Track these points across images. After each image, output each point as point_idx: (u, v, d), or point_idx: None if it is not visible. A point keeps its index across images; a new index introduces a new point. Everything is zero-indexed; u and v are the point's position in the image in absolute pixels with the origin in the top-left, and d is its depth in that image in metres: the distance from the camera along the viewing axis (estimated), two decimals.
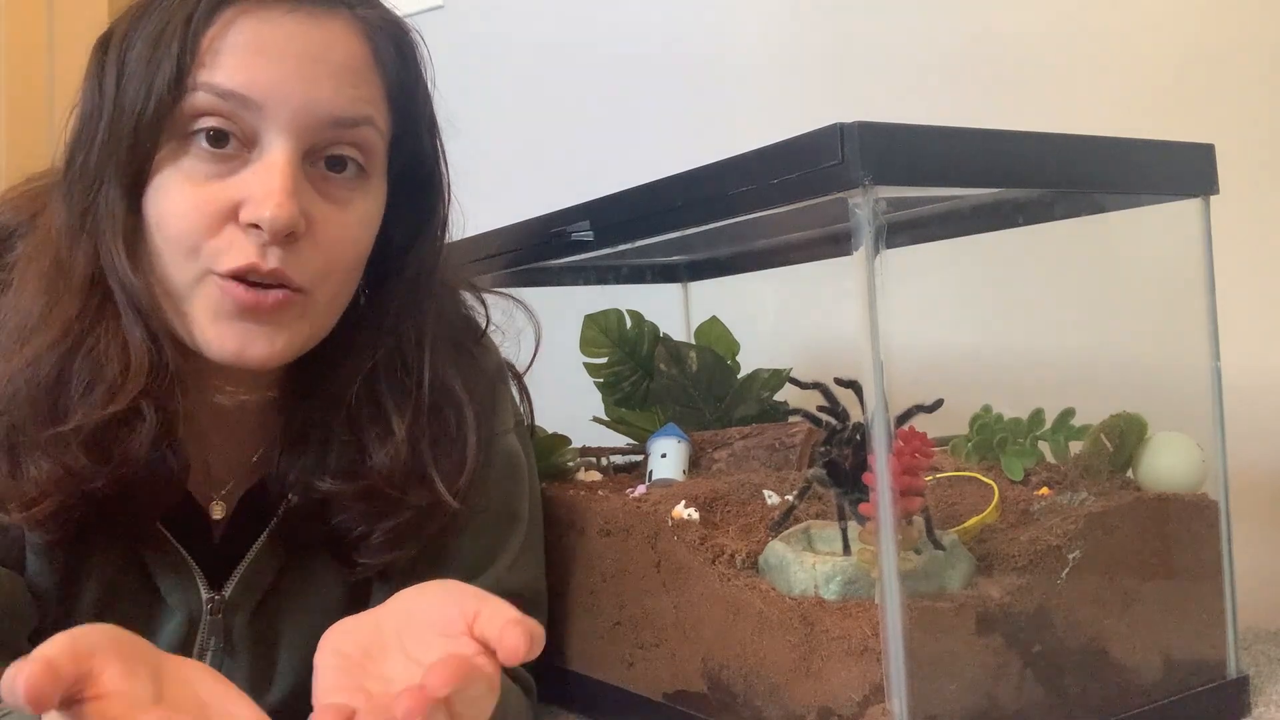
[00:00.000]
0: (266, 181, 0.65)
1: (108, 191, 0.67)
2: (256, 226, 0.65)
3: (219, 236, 0.66)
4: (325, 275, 0.69)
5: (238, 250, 0.65)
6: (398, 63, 0.72)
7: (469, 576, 0.78)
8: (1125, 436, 0.82)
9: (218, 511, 0.76)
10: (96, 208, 0.67)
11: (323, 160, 0.69)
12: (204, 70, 0.65)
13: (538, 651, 0.49)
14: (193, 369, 0.69)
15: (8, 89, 1.83)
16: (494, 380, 0.84)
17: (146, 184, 0.67)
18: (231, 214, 0.66)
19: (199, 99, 0.65)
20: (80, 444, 0.65)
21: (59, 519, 0.67)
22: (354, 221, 0.70)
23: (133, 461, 0.67)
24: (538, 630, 0.49)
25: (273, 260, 0.65)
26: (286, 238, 0.65)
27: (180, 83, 0.65)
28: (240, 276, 0.66)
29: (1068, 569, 0.70)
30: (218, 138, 0.66)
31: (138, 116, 0.65)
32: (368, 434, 0.73)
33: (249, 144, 0.66)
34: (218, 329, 0.67)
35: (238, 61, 0.65)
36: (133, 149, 0.66)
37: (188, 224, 0.66)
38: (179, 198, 0.66)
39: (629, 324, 1.09)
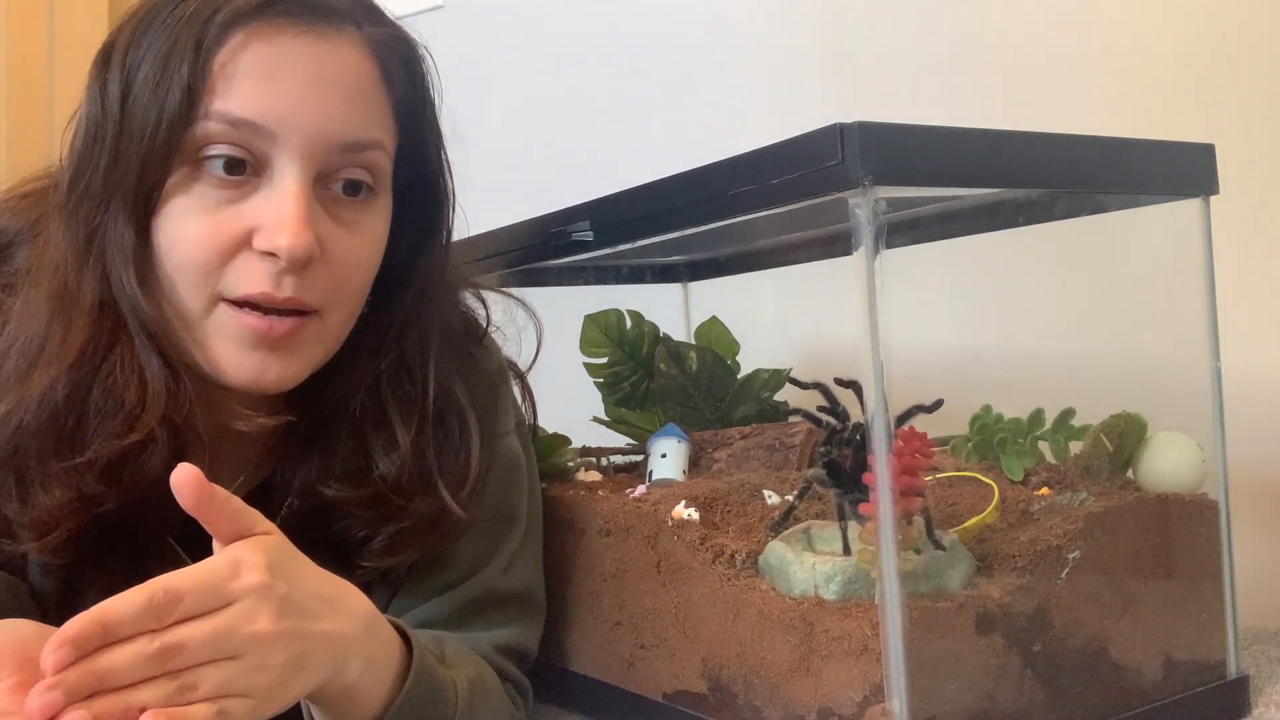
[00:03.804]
0: (280, 209, 0.65)
1: (115, 216, 0.66)
2: (272, 254, 0.64)
3: (232, 263, 0.65)
4: (337, 296, 0.69)
5: (251, 277, 0.65)
6: (405, 80, 0.72)
7: (465, 578, 0.78)
8: (1125, 436, 0.82)
9: None
10: (103, 232, 0.67)
11: (334, 183, 0.68)
12: (216, 98, 0.65)
13: None
14: (206, 392, 0.69)
15: (8, 89, 1.83)
16: (495, 382, 0.84)
17: (156, 210, 0.66)
18: (244, 241, 0.65)
19: (211, 127, 0.65)
20: (96, 472, 0.65)
21: (71, 544, 0.66)
22: (365, 243, 0.70)
23: (145, 484, 0.66)
24: None
25: (287, 289, 0.65)
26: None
27: (191, 109, 0.64)
28: (253, 303, 0.66)
29: (1068, 569, 0.70)
30: (230, 165, 0.65)
31: (147, 142, 0.65)
32: (373, 443, 0.73)
33: (260, 169, 0.66)
34: (232, 356, 0.67)
35: (250, 89, 0.65)
36: (141, 174, 0.65)
37: (201, 251, 0.65)
38: (191, 225, 0.65)
39: (629, 324, 1.09)
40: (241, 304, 0.66)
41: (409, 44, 0.73)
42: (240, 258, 0.66)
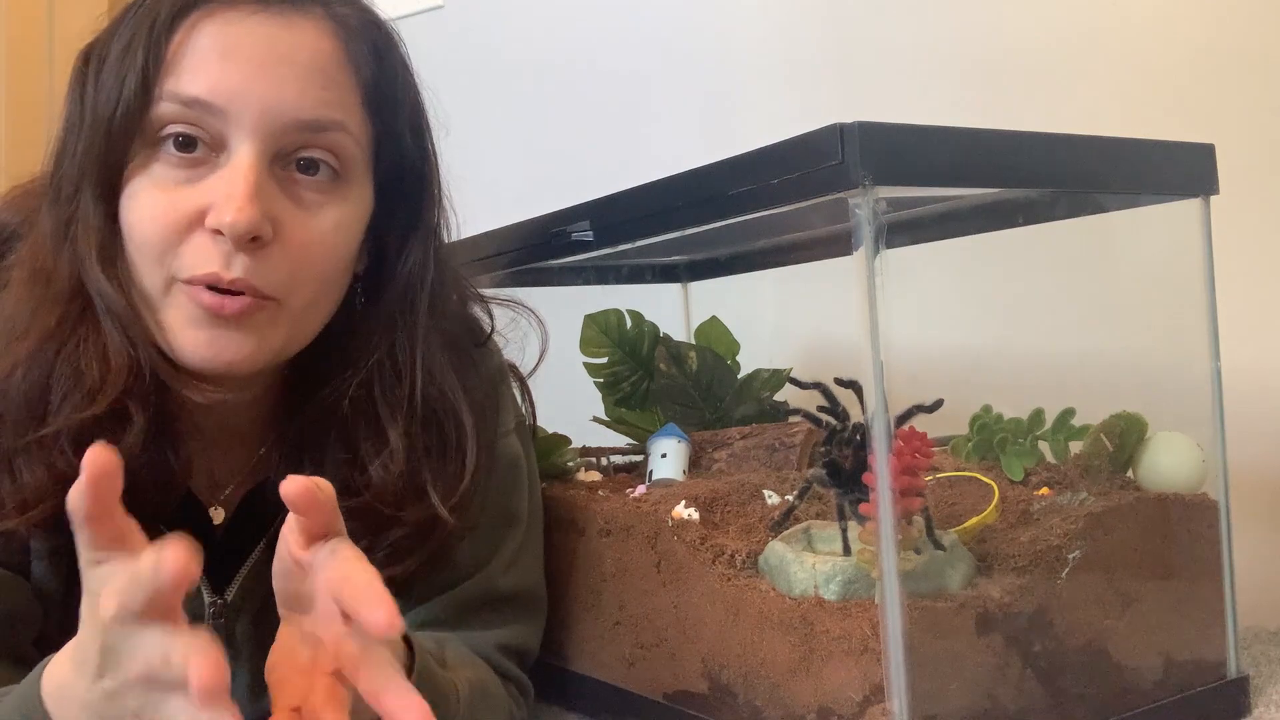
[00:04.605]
0: (230, 186, 0.65)
1: (85, 200, 0.67)
2: (221, 232, 0.64)
3: (186, 242, 0.66)
4: (296, 281, 0.68)
5: (202, 257, 0.65)
6: (373, 64, 0.71)
7: (466, 577, 0.78)
8: (1125, 436, 0.82)
9: (217, 516, 0.76)
10: (76, 216, 0.68)
11: (293, 163, 0.68)
12: (169, 79, 0.66)
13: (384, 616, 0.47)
14: (174, 372, 0.68)
15: (8, 89, 1.83)
16: (494, 382, 0.83)
17: (121, 193, 0.67)
18: (198, 219, 0.65)
19: (164, 108, 0.66)
20: (69, 447, 0.65)
21: (58, 522, 0.67)
22: (326, 227, 0.69)
23: (127, 462, 0.66)
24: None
25: (236, 270, 0.65)
26: (252, 242, 0.65)
27: (147, 92, 0.65)
28: (205, 284, 0.65)
29: (1068, 569, 0.70)
30: (185, 144, 0.66)
31: (108, 126, 0.66)
32: (363, 446, 0.73)
33: (217, 148, 0.66)
34: (188, 335, 0.67)
35: (200, 68, 0.65)
36: (105, 158, 0.66)
37: (155, 230, 0.66)
38: (148, 204, 0.66)
39: (629, 324, 1.09)
40: (192, 284, 0.66)
41: (379, 27, 0.72)
42: (194, 237, 0.65)
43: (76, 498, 0.49)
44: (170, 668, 0.47)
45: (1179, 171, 0.78)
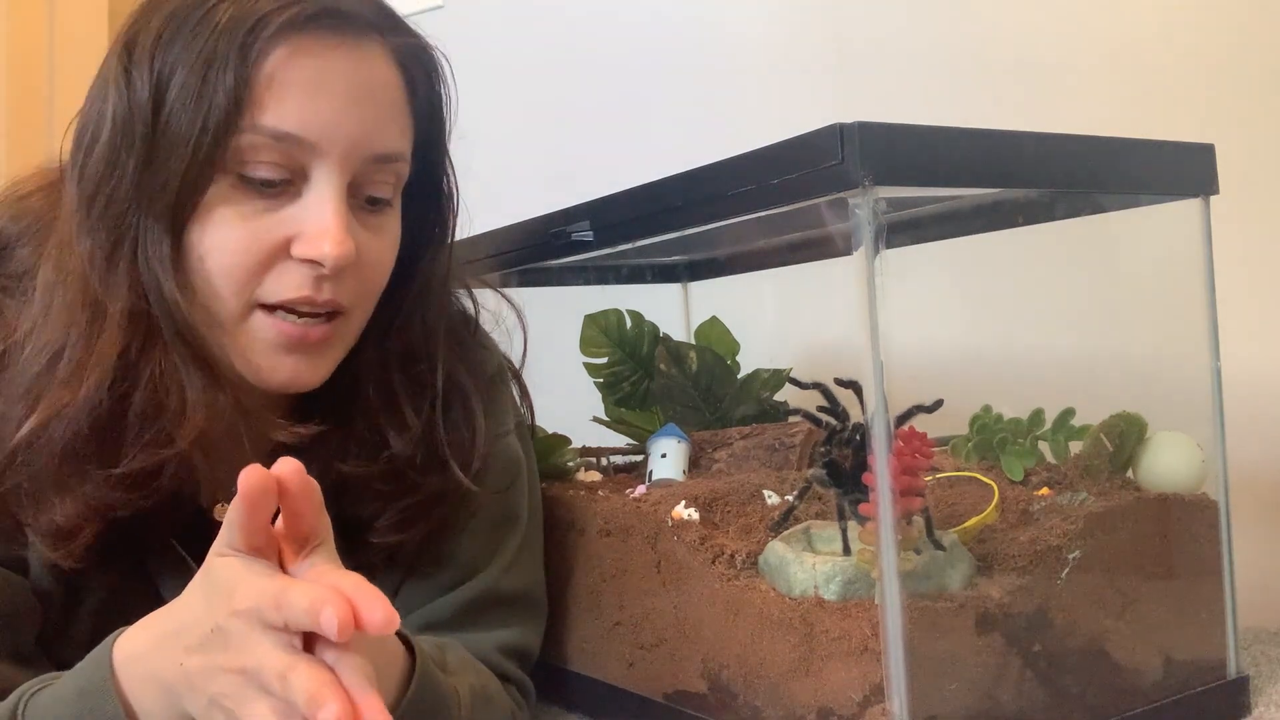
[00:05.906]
0: (321, 219, 0.66)
1: (149, 223, 0.66)
2: (313, 262, 0.66)
3: (270, 270, 0.67)
4: (362, 296, 0.72)
5: (291, 283, 0.67)
6: (426, 90, 0.74)
7: (467, 577, 0.78)
8: (1125, 436, 0.82)
9: (220, 514, 0.75)
10: (135, 238, 0.66)
11: (362, 194, 0.70)
12: (259, 112, 0.65)
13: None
14: (255, 418, 0.69)
15: (8, 89, 1.83)
16: (494, 381, 0.84)
17: (191, 217, 0.66)
18: (283, 249, 0.67)
19: (255, 140, 0.65)
20: (121, 483, 0.66)
21: (88, 550, 0.67)
22: (387, 245, 0.73)
23: (163, 492, 0.68)
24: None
25: (327, 293, 0.68)
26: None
27: (236, 122, 0.65)
28: (291, 307, 0.67)
29: (1068, 569, 0.70)
30: (271, 175, 0.66)
31: (189, 153, 0.64)
32: (385, 425, 0.75)
33: (299, 178, 0.67)
34: (271, 359, 0.69)
35: (293, 103, 0.66)
36: (181, 183, 0.65)
37: (240, 258, 0.66)
38: (229, 232, 0.66)
39: (629, 324, 1.09)
40: (275, 308, 0.68)
41: (429, 52, 0.75)
42: (278, 265, 0.67)
43: (235, 511, 0.53)
44: (288, 688, 0.48)
45: (1179, 171, 0.78)
